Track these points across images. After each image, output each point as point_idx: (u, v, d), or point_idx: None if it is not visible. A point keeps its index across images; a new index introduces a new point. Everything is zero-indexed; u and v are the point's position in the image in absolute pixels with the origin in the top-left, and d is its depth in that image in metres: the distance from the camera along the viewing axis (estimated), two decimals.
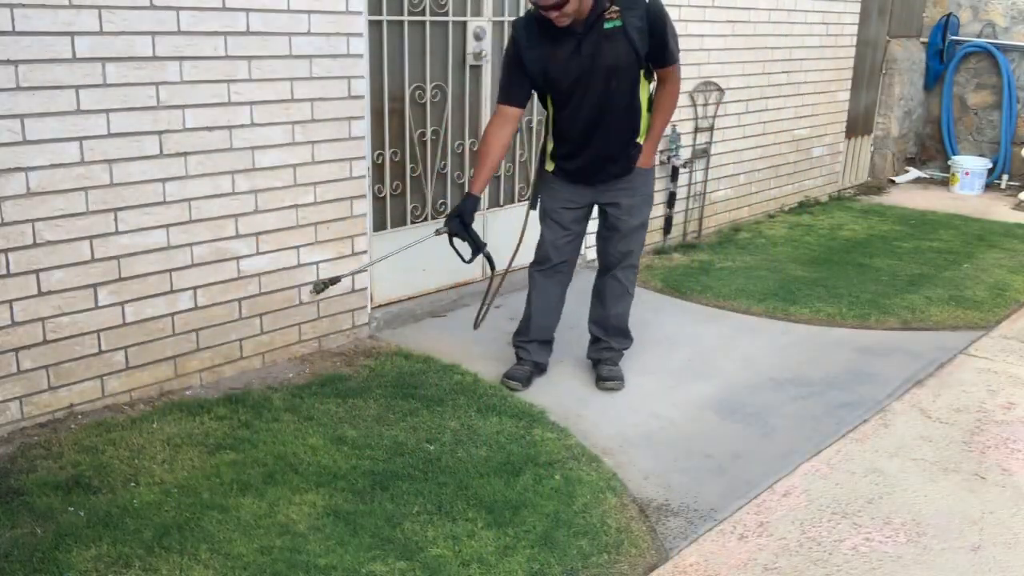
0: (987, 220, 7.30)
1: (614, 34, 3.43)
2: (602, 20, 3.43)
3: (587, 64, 3.46)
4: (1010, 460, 3.43)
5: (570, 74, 3.49)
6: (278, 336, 4.02)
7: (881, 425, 3.69)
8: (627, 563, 2.74)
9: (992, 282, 5.52)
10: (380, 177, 4.44)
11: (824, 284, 5.40)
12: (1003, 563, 2.79)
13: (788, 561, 2.78)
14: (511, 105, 3.57)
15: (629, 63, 3.48)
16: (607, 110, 3.54)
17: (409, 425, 3.46)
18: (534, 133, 5.18)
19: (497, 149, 3.59)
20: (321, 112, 3.93)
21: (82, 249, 3.33)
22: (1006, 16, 8.58)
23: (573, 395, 3.86)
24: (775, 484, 3.21)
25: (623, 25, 3.43)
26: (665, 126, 3.71)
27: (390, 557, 2.66)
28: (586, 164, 3.66)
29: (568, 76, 3.49)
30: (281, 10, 3.70)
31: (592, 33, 3.44)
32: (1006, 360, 4.37)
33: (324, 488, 2.99)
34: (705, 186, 6.37)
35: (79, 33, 3.17)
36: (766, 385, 4.04)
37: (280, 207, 3.89)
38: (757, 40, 6.51)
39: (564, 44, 3.46)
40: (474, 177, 3.64)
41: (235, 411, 3.50)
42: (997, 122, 8.69)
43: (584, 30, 3.43)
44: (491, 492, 3.01)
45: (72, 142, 3.23)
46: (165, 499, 2.89)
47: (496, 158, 3.61)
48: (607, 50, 3.44)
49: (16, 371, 3.27)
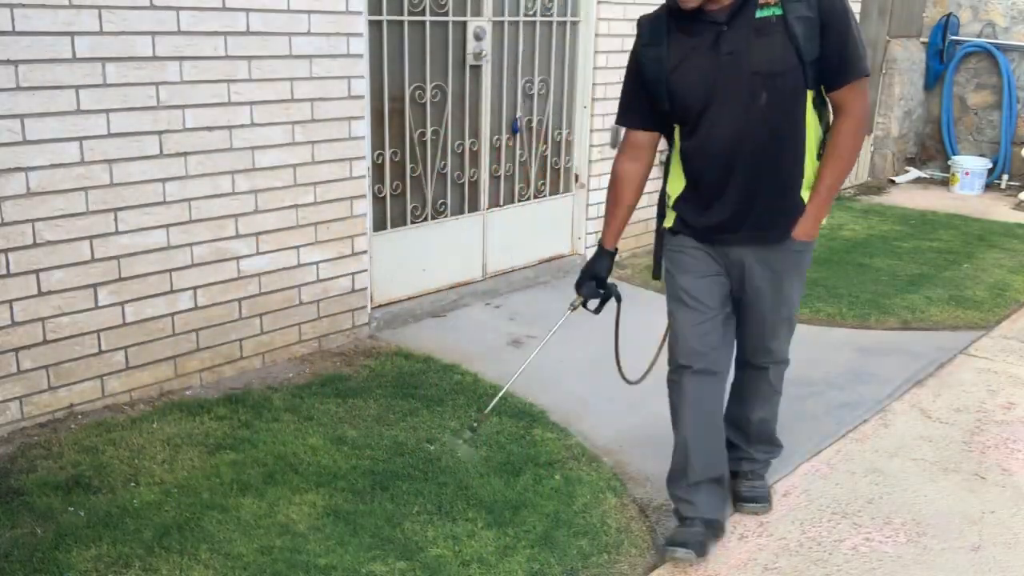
0: (987, 220, 7.30)
1: (769, 26, 2.44)
2: (753, 5, 2.46)
3: (727, 66, 2.47)
4: (1010, 460, 3.43)
5: (702, 80, 2.51)
6: (278, 336, 4.02)
7: (881, 425, 3.68)
8: (627, 563, 2.74)
9: (992, 282, 5.52)
10: (380, 177, 4.44)
11: (824, 284, 5.40)
12: (1003, 563, 2.79)
13: (788, 561, 2.78)
14: (634, 128, 2.74)
15: (790, 68, 2.45)
16: (755, 138, 2.52)
17: (409, 425, 3.46)
18: (533, 132, 5.17)
19: (628, 191, 2.80)
20: (321, 112, 3.93)
21: (82, 249, 3.34)
22: (1006, 16, 8.58)
23: (573, 395, 3.86)
24: (775, 484, 3.21)
25: (783, 14, 2.43)
26: (841, 179, 2.61)
27: (390, 557, 2.66)
28: (722, 220, 2.64)
29: (698, 83, 2.52)
30: (281, 10, 3.70)
31: (738, 23, 2.46)
32: (1006, 360, 4.37)
33: (324, 488, 2.99)
34: None
35: (79, 33, 3.17)
36: None
37: (280, 207, 3.89)
38: None
39: (697, 39, 2.51)
40: (605, 228, 2.87)
41: (235, 411, 3.50)
42: (997, 122, 8.69)
43: (727, 18, 2.47)
44: (491, 492, 3.01)
45: (72, 142, 3.23)
46: (165, 499, 2.89)
47: (628, 201, 2.81)
48: (757, 48, 2.45)
49: (16, 371, 3.27)
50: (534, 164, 5.23)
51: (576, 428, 3.55)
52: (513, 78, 4.98)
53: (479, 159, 4.90)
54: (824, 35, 2.43)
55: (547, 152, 5.30)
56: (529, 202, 5.26)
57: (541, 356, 4.21)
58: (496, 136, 4.97)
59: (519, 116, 5.06)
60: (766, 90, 2.47)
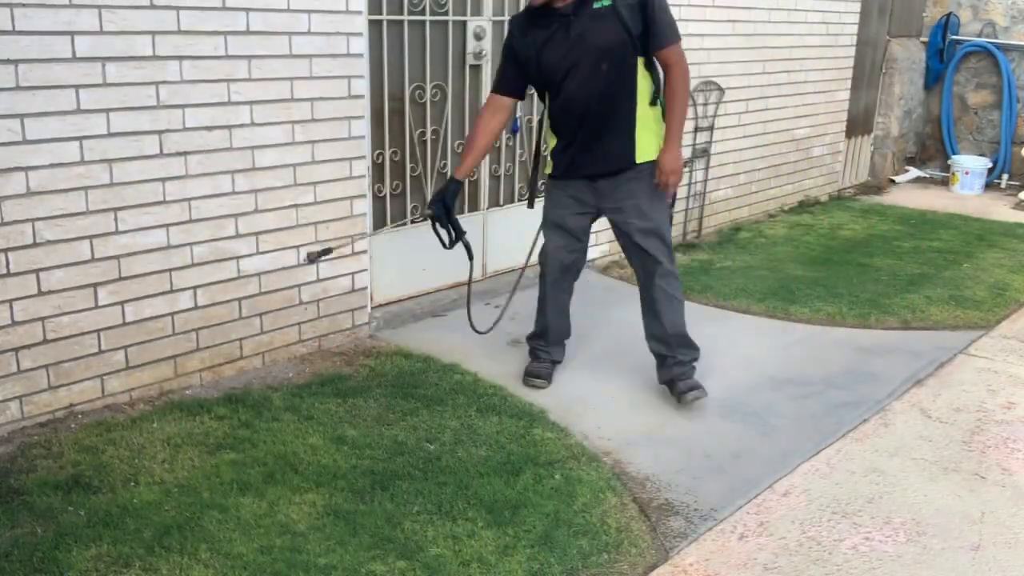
0: (987, 220, 7.30)
1: (604, 14, 3.36)
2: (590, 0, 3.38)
3: (577, 46, 3.38)
4: (1010, 460, 3.43)
5: (561, 57, 3.41)
6: (278, 336, 4.02)
7: (881, 425, 3.69)
8: (627, 563, 2.74)
9: (992, 282, 5.52)
10: (380, 177, 4.44)
11: (824, 284, 5.40)
12: (1003, 563, 2.79)
13: (788, 561, 2.78)
14: (501, 94, 3.62)
15: (620, 43, 3.37)
16: (601, 97, 3.43)
17: (409, 425, 3.46)
18: (534, 132, 5.18)
19: (484, 136, 3.62)
20: (321, 112, 3.93)
21: (82, 249, 3.34)
22: (1006, 16, 8.58)
23: (573, 395, 3.86)
24: (775, 484, 3.21)
25: (612, 4, 3.36)
26: (681, 115, 3.48)
27: (390, 557, 2.66)
28: (583, 157, 3.54)
29: (559, 59, 3.42)
30: (281, 10, 3.70)
31: (581, 14, 3.38)
32: (1006, 360, 4.37)
33: (324, 488, 2.99)
34: (705, 185, 6.37)
35: (79, 33, 3.17)
36: (766, 385, 4.04)
37: (280, 207, 3.89)
38: (757, 40, 6.51)
39: (554, 28, 3.42)
40: (460, 163, 3.66)
41: (235, 411, 3.50)
42: (997, 122, 8.69)
43: (572, 11, 3.38)
44: (491, 492, 3.01)
45: (72, 142, 3.23)
46: (165, 499, 2.89)
47: (482, 145, 3.63)
48: (596, 30, 3.36)
49: (16, 371, 3.27)
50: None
51: (576, 428, 3.55)
52: None
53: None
54: (644, 14, 3.37)
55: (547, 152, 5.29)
56: None
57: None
58: None
59: (519, 116, 5.06)
60: (606, 60, 3.39)
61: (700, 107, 6.12)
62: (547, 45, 3.43)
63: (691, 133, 6.13)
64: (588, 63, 3.39)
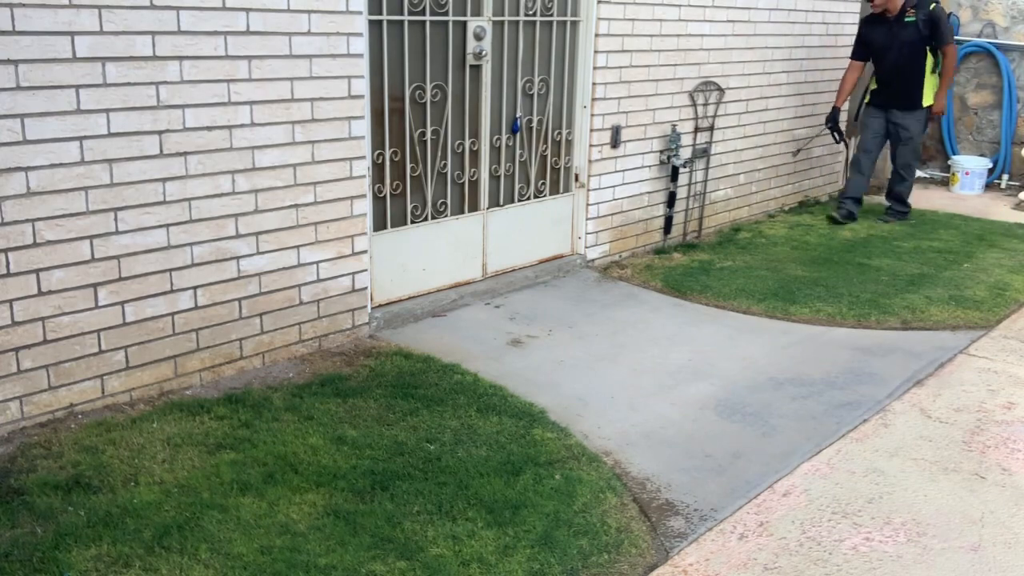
0: (987, 220, 7.30)
1: (910, 24, 6.50)
2: (904, 15, 6.51)
3: (895, 40, 6.57)
4: (1010, 460, 3.43)
5: (884, 43, 6.61)
6: (278, 336, 4.02)
7: (881, 425, 3.69)
8: (627, 563, 2.74)
9: (992, 282, 5.52)
10: (380, 177, 4.44)
11: (824, 284, 5.40)
12: (1003, 563, 2.80)
13: (788, 561, 2.78)
14: (856, 60, 6.86)
15: (916, 40, 6.51)
16: (902, 66, 6.60)
17: (409, 425, 3.46)
18: (534, 132, 5.18)
19: (850, 83, 6.87)
20: (321, 112, 3.94)
21: (82, 249, 3.34)
22: (1006, 16, 8.58)
23: (573, 395, 3.86)
24: (775, 484, 3.21)
25: (915, 20, 6.48)
26: (948, 80, 6.70)
27: (390, 557, 2.66)
28: (888, 97, 6.75)
29: (883, 44, 6.62)
30: (281, 10, 3.70)
31: (899, 22, 6.53)
32: (1006, 360, 4.37)
33: (324, 488, 2.99)
34: (705, 186, 6.37)
35: (79, 33, 3.17)
36: (766, 385, 4.04)
37: (280, 207, 3.89)
38: (757, 40, 6.51)
39: (884, 27, 6.61)
40: (836, 97, 6.95)
41: (235, 411, 3.50)
42: (997, 122, 8.69)
43: (893, 20, 6.55)
44: (491, 492, 3.02)
45: (72, 142, 3.23)
46: (165, 499, 2.89)
47: (848, 88, 6.89)
48: (905, 33, 6.52)
49: (16, 371, 3.27)
50: (534, 164, 5.23)
51: (576, 428, 3.55)
52: (513, 78, 4.99)
53: (479, 159, 4.91)
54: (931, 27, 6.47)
55: (547, 152, 5.30)
56: (529, 202, 5.26)
57: (541, 356, 4.22)
58: (496, 136, 4.97)
59: (519, 116, 5.06)
60: (907, 47, 6.55)
61: (700, 107, 6.12)
62: (879, 35, 6.64)
63: (691, 133, 6.13)
64: (897, 48, 6.57)
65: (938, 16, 6.44)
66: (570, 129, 5.40)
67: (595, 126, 5.40)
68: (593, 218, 5.55)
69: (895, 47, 6.53)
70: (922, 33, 6.43)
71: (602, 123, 5.42)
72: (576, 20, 5.25)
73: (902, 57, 6.53)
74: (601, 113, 5.40)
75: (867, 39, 6.70)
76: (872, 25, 6.66)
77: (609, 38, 5.32)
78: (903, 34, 6.49)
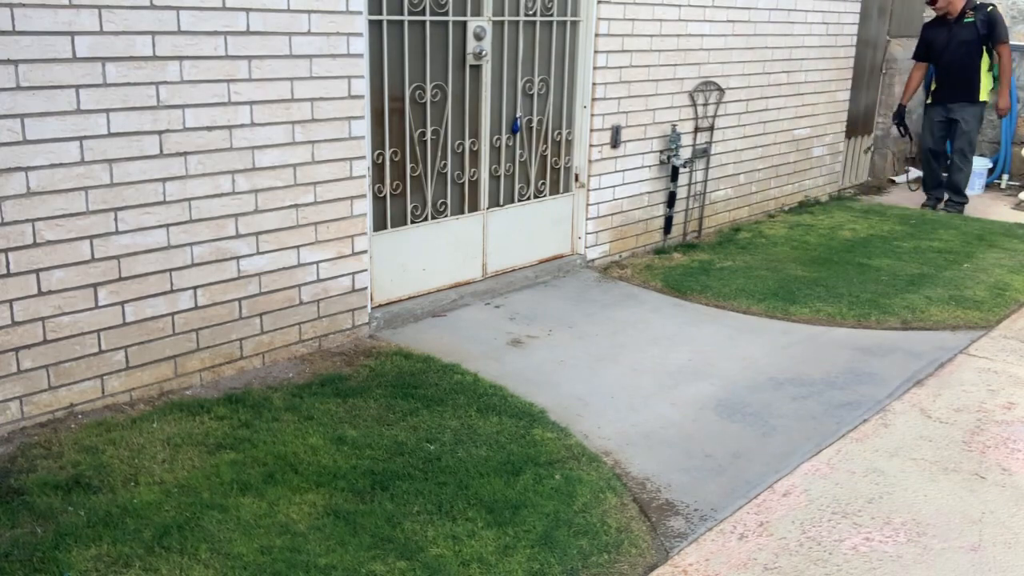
0: (987, 220, 7.30)
1: (969, 24, 7.20)
2: (964, 17, 7.20)
3: (954, 39, 7.25)
4: (1010, 460, 3.43)
5: (945, 43, 7.31)
6: (278, 336, 4.03)
7: (881, 425, 3.69)
8: (627, 563, 2.74)
9: (992, 282, 5.52)
10: (380, 177, 4.44)
11: (824, 284, 5.40)
12: (1003, 563, 2.80)
13: (788, 561, 2.78)
14: (920, 60, 7.59)
15: (974, 39, 7.21)
16: (960, 63, 7.26)
17: (409, 425, 3.46)
18: (534, 132, 5.18)
19: (915, 82, 7.63)
20: (321, 112, 3.94)
21: (82, 249, 3.34)
22: (1006, 16, 8.57)
23: (573, 395, 3.86)
24: (775, 484, 3.21)
25: (974, 21, 7.16)
26: (1007, 77, 7.32)
27: (390, 557, 2.66)
28: (948, 90, 7.38)
29: (943, 44, 7.31)
30: (281, 10, 3.70)
31: (959, 23, 7.23)
32: (1006, 360, 4.37)
33: (324, 488, 2.99)
34: (705, 186, 6.37)
35: (79, 33, 3.17)
36: (766, 385, 4.04)
37: (280, 207, 3.89)
38: (757, 40, 6.51)
39: (944, 28, 7.32)
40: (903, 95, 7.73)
41: (235, 411, 3.50)
42: (997, 122, 8.69)
43: (953, 21, 7.25)
44: (491, 492, 3.02)
45: (72, 142, 3.23)
46: (165, 499, 2.89)
47: (913, 87, 7.64)
48: (964, 32, 7.22)
49: (16, 371, 3.27)
50: (534, 164, 5.23)
51: (576, 428, 3.55)
52: (513, 78, 4.99)
53: (479, 159, 4.91)
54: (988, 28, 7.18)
55: (547, 152, 5.30)
56: (529, 202, 5.26)
57: (541, 356, 4.22)
58: (496, 136, 4.97)
59: (519, 116, 5.06)
60: (966, 46, 7.25)
61: (700, 107, 6.12)
62: (938, 36, 7.34)
63: (691, 133, 6.13)
64: (956, 47, 7.25)
65: (996, 17, 7.16)
66: (570, 129, 5.40)
67: (595, 126, 5.40)
68: (593, 218, 5.55)
69: (953, 46, 7.24)
70: (980, 32, 7.13)
71: (602, 123, 5.42)
72: (576, 20, 5.25)
73: (960, 55, 7.22)
74: (601, 113, 5.40)
75: (928, 40, 7.43)
76: (933, 28, 7.40)
77: (609, 38, 5.32)
78: (962, 34, 7.20)
